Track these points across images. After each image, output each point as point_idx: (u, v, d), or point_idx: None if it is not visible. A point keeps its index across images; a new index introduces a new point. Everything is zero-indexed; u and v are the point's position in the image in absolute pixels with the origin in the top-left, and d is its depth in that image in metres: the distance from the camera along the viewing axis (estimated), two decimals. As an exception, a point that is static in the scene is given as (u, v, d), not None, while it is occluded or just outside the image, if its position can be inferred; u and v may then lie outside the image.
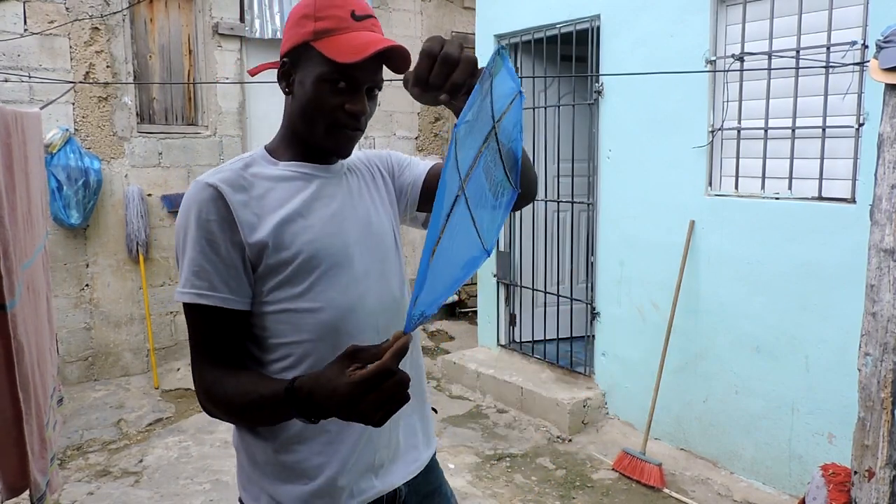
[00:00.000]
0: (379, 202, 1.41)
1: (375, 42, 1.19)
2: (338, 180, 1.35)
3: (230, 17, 5.61)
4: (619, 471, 3.85)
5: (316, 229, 1.25)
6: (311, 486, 1.26)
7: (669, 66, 3.89)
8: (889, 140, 2.32)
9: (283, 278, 1.22)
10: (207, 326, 1.21)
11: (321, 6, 1.23)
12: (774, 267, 3.54)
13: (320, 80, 1.22)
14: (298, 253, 1.22)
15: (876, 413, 2.36)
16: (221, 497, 3.62)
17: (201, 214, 1.19)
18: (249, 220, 1.21)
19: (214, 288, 1.19)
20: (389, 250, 1.37)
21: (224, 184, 1.21)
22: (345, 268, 1.27)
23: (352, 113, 1.24)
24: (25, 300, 2.10)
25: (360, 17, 1.23)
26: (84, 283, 5.18)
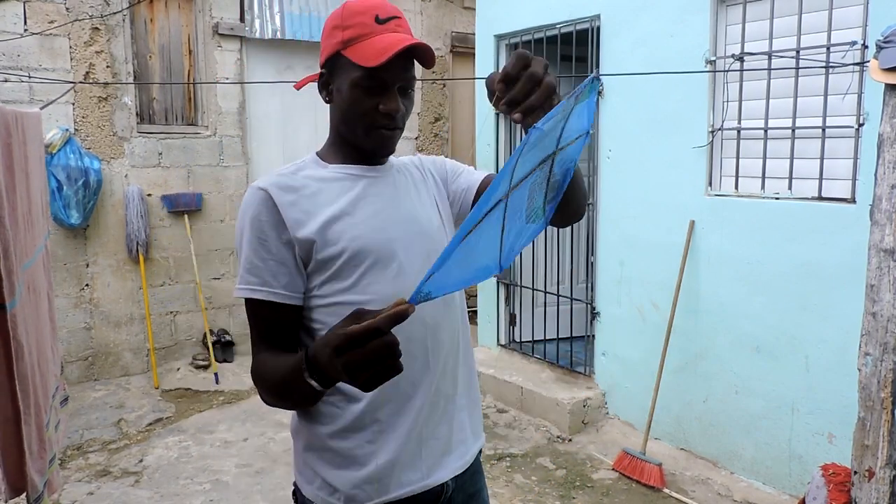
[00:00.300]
0: (428, 201, 1.47)
1: (397, 42, 1.26)
2: (385, 180, 1.41)
3: (230, 17, 5.61)
4: (619, 471, 3.85)
5: (361, 226, 1.32)
6: (362, 472, 1.32)
7: (669, 66, 3.89)
8: (889, 140, 2.32)
9: (332, 273, 1.30)
10: (260, 319, 1.32)
11: (347, 15, 1.31)
12: (774, 267, 3.54)
13: (353, 86, 1.30)
14: (344, 249, 1.30)
15: (876, 413, 2.36)
16: (221, 497, 3.62)
17: (254, 216, 1.30)
18: (298, 219, 1.29)
19: (266, 283, 1.29)
20: (437, 246, 1.40)
21: (273, 187, 1.30)
22: (389, 262, 1.33)
23: (386, 112, 1.31)
24: (26, 300, 2.10)
25: (383, 20, 1.30)
26: (84, 283, 5.18)
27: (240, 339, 5.84)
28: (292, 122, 6.06)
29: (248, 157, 5.82)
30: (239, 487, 3.72)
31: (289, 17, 5.79)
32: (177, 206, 5.45)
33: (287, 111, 6.03)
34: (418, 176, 1.50)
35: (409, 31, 1.34)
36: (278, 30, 5.75)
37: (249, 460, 4.02)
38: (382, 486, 1.32)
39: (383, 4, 1.32)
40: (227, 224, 5.75)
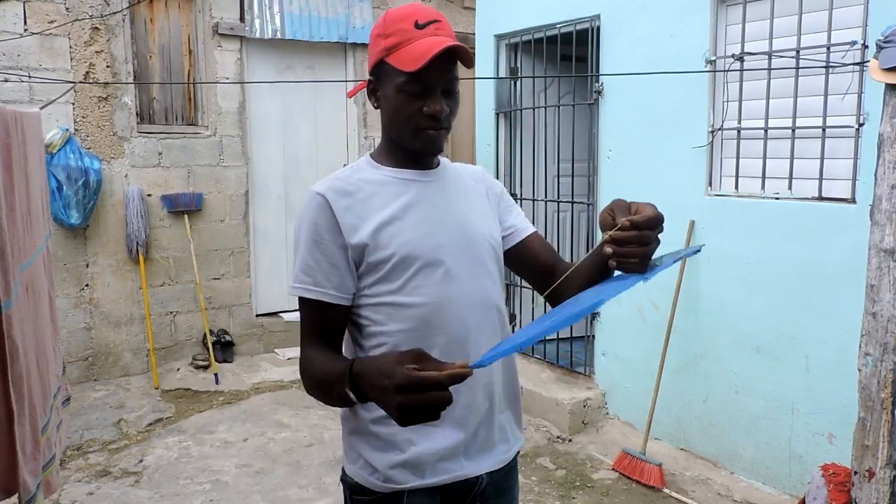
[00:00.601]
0: (479, 210, 1.52)
1: (435, 46, 1.31)
2: (436, 185, 1.47)
3: (230, 17, 5.61)
4: (619, 471, 3.84)
5: (411, 231, 1.39)
6: (400, 456, 1.41)
7: (669, 66, 3.89)
8: (889, 140, 2.32)
9: (382, 275, 1.38)
10: (310, 315, 1.40)
11: (388, 23, 1.39)
12: (774, 267, 3.54)
13: (398, 91, 1.36)
14: (394, 253, 1.37)
15: (876, 413, 2.36)
16: (221, 497, 3.62)
17: (312, 219, 1.37)
18: (352, 224, 1.37)
19: (318, 284, 1.37)
20: (484, 253, 1.48)
21: (331, 191, 1.38)
22: (436, 267, 1.40)
23: (430, 114, 1.36)
24: (23, 301, 2.09)
25: (422, 24, 1.37)
26: (84, 283, 5.18)
27: (239, 340, 5.84)
28: (292, 122, 6.06)
29: (248, 157, 5.81)
30: (239, 487, 3.72)
31: (289, 17, 5.79)
32: (177, 206, 5.45)
33: (287, 111, 6.03)
34: (471, 184, 1.56)
35: (449, 32, 1.40)
36: (278, 30, 5.75)
37: (249, 460, 4.02)
38: (418, 471, 1.41)
39: (422, 9, 1.38)
40: (227, 224, 5.75)
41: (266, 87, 5.79)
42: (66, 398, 2.96)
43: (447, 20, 1.44)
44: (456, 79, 1.40)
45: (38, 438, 2.12)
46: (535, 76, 5.11)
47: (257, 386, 5.23)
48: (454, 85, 1.40)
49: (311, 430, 4.43)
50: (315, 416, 4.65)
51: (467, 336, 1.42)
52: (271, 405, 4.85)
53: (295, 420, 4.59)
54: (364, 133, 6.33)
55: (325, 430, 4.42)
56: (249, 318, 5.90)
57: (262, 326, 5.95)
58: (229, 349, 5.69)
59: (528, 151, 5.22)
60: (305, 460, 4.03)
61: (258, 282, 5.97)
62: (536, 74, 5.11)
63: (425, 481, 1.41)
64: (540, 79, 5.13)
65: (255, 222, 5.94)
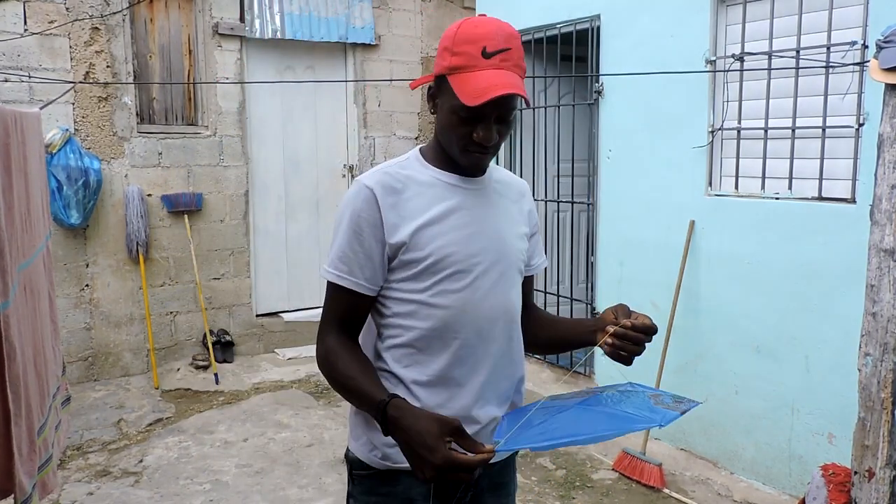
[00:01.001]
0: (516, 225, 1.57)
1: (494, 87, 1.31)
2: (479, 193, 1.50)
3: (230, 17, 5.61)
4: (619, 471, 3.84)
5: (448, 237, 1.43)
6: None
7: (669, 66, 3.89)
8: (889, 140, 2.31)
9: (412, 274, 1.43)
10: (339, 301, 1.45)
11: (459, 41, 1.37)
12: (774, 267, 3.53)
13: (452, 112, 1.38)
14: (429, 255, 1.42)
15: (876, 413, 2.36)
16: (221, 497, 3.62)
17: (356, 210, 1.41)
18: (394, 222, 1.41)
19: (352, 273, 1.42)
20: (512, 267, 1.53)
21: (379, 186, 1.42)
22: (466, 274, 1.44)
23: (479, 142, 1.39)
24: (20, 301, 2.09)
25: (490, 53, 1.34)
26: (84, 283, 5.18)
27: (240, 340, 5.84)
28: (292, 122, 6.06)
29: (248, 157, 5.81)
30: (239, 487, 3.72)
31: (289, 17, 5.79)
32: (177, 206, 5.45)
33: (287, 111, 6.02)
34: (514, 198, 1.60)
35: (517, 62, 1.38)
36: (278, 30, 5.74)
37: (249, 460, 4.02)
38: None
39: (495, 34, 1.35)
40: (227, 224, 5.75)
41: (266, 87, 5.79)
42: (66, 398, 2.95)
43: (519, 45, 1.40)
44: (512, 109, 1.40)
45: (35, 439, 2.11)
46: (535, 76, 5.11)
47: (257, 386, 5.23)
48: (509, 115, 1.40)
49: (311, 430, 4.43)
50: (315, 416, 4.65)
51: (479, 345, 1.47)
52: (271, 405, 4.85)
53: (295, 420, 4.59)
54: (364, 133, 6.33)
55: (325, 430, 4.42)
56: (249, 318, 5.89)
57: (262, 326, 5.95)
58: (229, 349, 5.69)
59: (528, 151, 5.21)
60: (305, 460, 4.03)
61: (258, 282, 5.96)
62: (536, 74, 5.11)
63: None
64: (540, 79, 5.13)
65: (255, 222, 5.94)
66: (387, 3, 6.37)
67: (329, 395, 4.97)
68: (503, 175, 1.62)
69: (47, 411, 2.38)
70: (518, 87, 1.34)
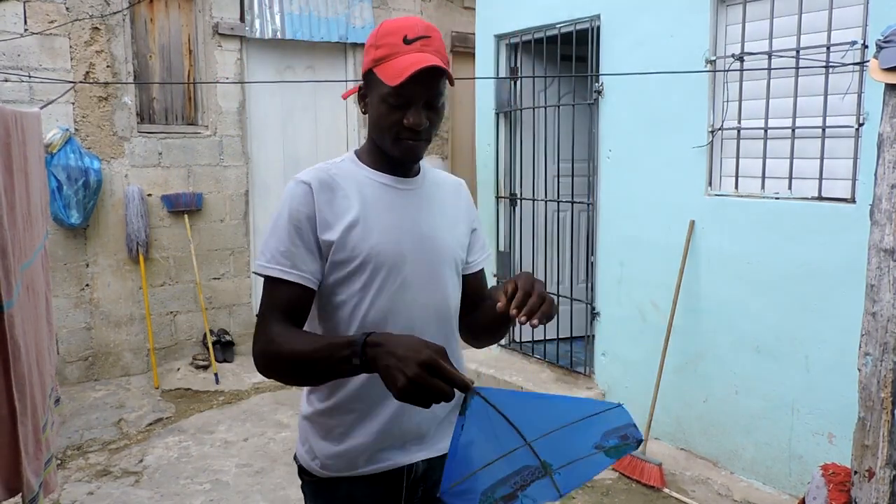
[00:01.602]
0: (451, 223, 1.59)
1: (416, 63, 1.37)
2: (412, 194, 1.54)
3: (230, 17, 5.61)
4: (619, 471, 3.85)
5: (377, 237, 1.46)
6: (337, 448, 1.51)
7: (669, 66, 3.89)
8: (889, 140, 2.32)
9: (344, 275, 1.45)
10: (283, 296, 1.43)
11: (380, 35, 1.45)
12: (774, 267, 3.54)
13: (381, 101, 1.43)
14: (358, 255, 1.44)
15: (876, 413, 2.36)
16: (221, 497, 3.62)
17: (294, 206, 1.43)
18: (327, 220, 1.44)
19: (297, 267, 1.42)
20: (445, 265, 1.55)
21: (315, 181, 1.45)
22: (396, 273, 1.47)
23: (409, 127, 1.42)
24: (24, 300, 2.10)
25: (411, 40, 1.42)
26: (84, 283, 5.18)
27: (240, 340, 5.84)
28: (292, 122, 6.06)
29: (248, 156, 5.81)
30: (239, 487, 3.72)
31: (289, 17, 5.79)
32: (177, 205, 5.45)
33: (287, 111, 6.03)
34: (450, 197, 1.63)
35: (438, 49, 1.45)
36: (278, 30, 5.75)
37: (249, 460, 4.02)
38: (351, 463, 1.51)
39: (414, 24, 1.44)
40: (228, 224, 5.75)
41: (266, 87, 5.79)
42: (57, 398, 2.96)
43: (440, 37, 1.48)
44: (439, 94, 1.46)
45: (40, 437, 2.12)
46: (535, 76, 5.11)
47: (257, 386, 5.23)
48: (437, 100, 1.45)
49: (311, 429, 4.43)
50: (315, 415, 4.65)
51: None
52: (271, 405, 4.85)
53: (295, 420, 4.59)
54: (364, 133, 6.33)
55: (325, 430, 4.42)
56: (249, 318, 5.89)
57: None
58: (229, 349, 5.69)
59: (528, 151, 5.22)
60: (305, 460, 4.03)
61: (258, 281, 5.94)
62: (536, 74, 5.11)
63: (358, 471, 1.51)
64: (540, 79, 5.13)
65: (255, 222, 5.94)
66: (387, 3, 6.38)
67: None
68: (438, 175, 1.66)
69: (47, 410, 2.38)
70: (438, 63, 1.40)
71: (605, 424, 1.32)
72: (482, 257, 1.70)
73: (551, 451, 1.31)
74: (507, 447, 1.27)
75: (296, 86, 5.86)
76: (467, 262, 1.65)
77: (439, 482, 1.52)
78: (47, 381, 2.51)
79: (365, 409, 1.50)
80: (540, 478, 1.32)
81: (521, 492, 1.31)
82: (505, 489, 1.30)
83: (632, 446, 1.34)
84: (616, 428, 1.32)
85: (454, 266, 1.57)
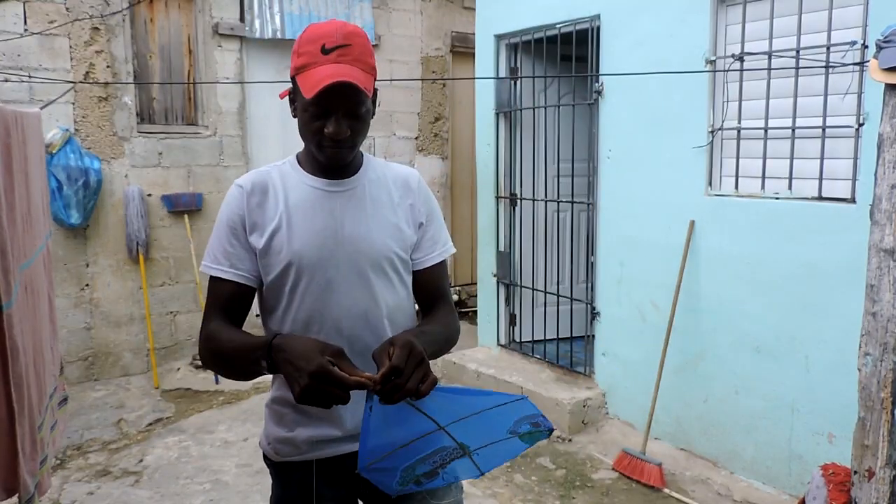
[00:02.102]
0: (386, 222, 1.58)
1: (328, 76, 1.38)
2: (343, 196, 1.55)
3: (230, 17, 5.61)
4: (619, 471, 3.85)
5: (302, 240, 1.50)
6: (286, 434, 1.60)
7: (669, 66, 3.89)
8: (889, 140, 2.32)
9: (273, 278, 1.51)
10: (222, 294, 1.53)
11: (302, 42, 1.46)
12: (774, 267, 3.54)
13: (303, 110, 1.47)
14: (282, 260, 1.49)
15: (876, 413, 2.36)
16: (221, 497, 3.62)
17: (230, 210, 1.52)
18: (254, 223, 1.51)
19: (235, 266, 1.51)
20: (373, 266, 1.55)
21: (249, 184, 1.53)
22: (320, 276, 1.51)
23: (330, 136, 1.45)
24: (22, 301, 2.09)
25: (328, 49, 1.42)
26: (84, 283, 5.18)
27: (240, 339, 5.84)
28: (292, 122, 6.00)
29: (248, 156, 5.81)
30: (239, 487, 3.72)
31: (289, 17, 5.79)
32: (177, 206, 5.45)
33: (287, 111, 5.98)
34: (390, 195, 1.61)
35: (358, 56, 1.44)
36: (278, 30, 5.75)
37: (249, 460, 4.02)
38: (298, 449, 1.60)
39: (334, 33, 1.43)
40: (227, 224, 5.75)
41: (266, 87, 5.79)
42: (64, 398, 2.95)
43: (362, 42, 1.46)
44: (359, 103, 1.45)
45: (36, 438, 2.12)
46: (535, 76, 5.11)
47: (257, 385, 5.23)
48: (357, 109, 1.45)
49: (311, 430, 4.43)
50: (315, 416, 4.65)
51: (342, 344, 1.43)
52: (271, 405, 4.85)
53: (295, 420, 4.59)
54: (364, 133, 6.33)
55: (325, 430, 4.42)
56: (249, 318, 5.88)
57: (261, 326, 5.94)
58: (229, 349, 5.68)
59: (528, 151, 5.22)
60: (305, 460, 4.03)
61: (258, 282, 5.96)
62: (536, 74, 5.11)
63: (307, 456, 1.59)
64: (540, 79, 5.13)
65: (255, 222, 5.94)
66: (387, 3, 6.38)
67: (329, 395, 4.97)
68: (388, 170, 1.65)
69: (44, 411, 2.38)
70: (353, 77, 1.39)
71: (515, 413, 1.39)
72: (432, 254, 1.65)
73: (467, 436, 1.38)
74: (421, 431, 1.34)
75: (296, 86, 5.86)
76: (413, 259, 1.63)
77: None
78: (48, 381, 2.51)
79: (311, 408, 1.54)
80: (458, 457, 1.40)
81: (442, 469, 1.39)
82: (425, 467, 1.39)
83: (544, 434, 1.41)
84: (525, 416, 1.39)
85: (391, 266, 1.57)
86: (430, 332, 1.53)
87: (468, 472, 1.44)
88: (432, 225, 1.66)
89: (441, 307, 1.66)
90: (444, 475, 1.40)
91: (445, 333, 1.59)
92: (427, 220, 1.65)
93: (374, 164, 1.64)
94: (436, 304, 1.67)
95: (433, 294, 1.67)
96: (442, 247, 1.67)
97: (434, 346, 1.47)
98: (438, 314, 1.65)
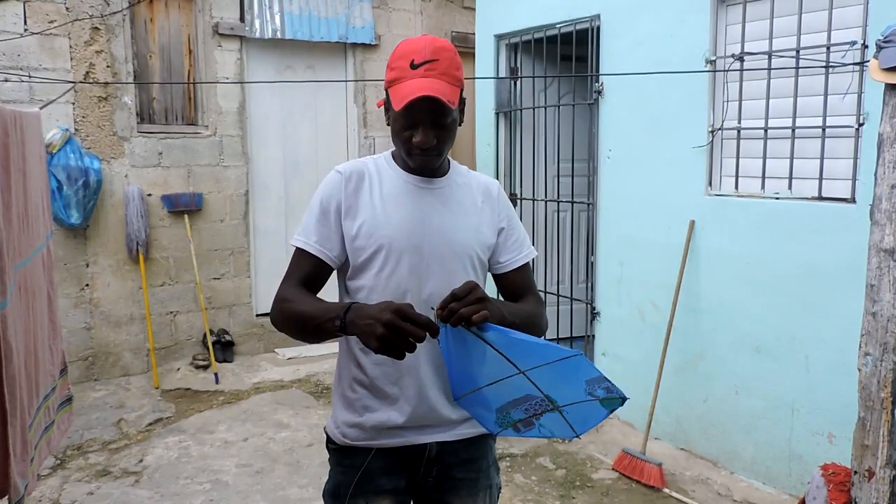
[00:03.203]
0: (472, 223, 1.70)
1: (416, 90, 1.49)
2: (434, 193, 1.67)
3: (230, 17, 5.61)
4: (619, 471, 3.84)
5: (394, 227, 1.61)
6: (357, 419, 1.68)
7: (669, 66, 3.88)
8: (889, 140, 2.31)
9: (362, 261, 1.62)
10: (304, 266, 1.64)
11: (394, 58, 1.58)
12: (774, 267, 3.53)
13: (394, 120, 1.58)
14: (372, 242, 1.61)
15: (876, 413, 2.36)
16: (221, 497, 3.62)
17: (327, 193, 1.64)
18: (350, 206, 1.63)
19: (319, 242, 1.63)
20: (457, 258, 1.66)
21: (348, 171, 1.66)
22: (407, 261, 1.61)
23: (417, 144, 1.56)
24: (16, 301, 2.09)
25: (417, 65, 1.53)
26: (84, 283, 5.18)
27: (240, 340, 5.84)
28: (292, 122, 6.06)
29: (248, 156, 5.81)
30: (239, 487, 3.72)
31: (289, 17, 5.79)
32: (177, 206, 5.45)
33: (287, 111, 6.02)
34: (476, 199, 1.73)
35: (445, 70, 1.54)
36: (278, 30, 5.75)
37: (249, 460, 4.02)
38: (368, 435, 1.67)
39: (423, 48, 1.54)
40: (227, 224, 5.75)
41: (266, 87, 5.79)
42: (68, 398, 2.94)
43: (450, 57, 1.56)
44: (444, 115, 1.55)
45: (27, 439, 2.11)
46: (535, 76, 5.11)
47: (257, 386, 5.23)
48: (442, 120, 1.55)
49: (311, 429, 4.43)
50: (315, 415, 4.65)
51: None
52: (271, 405, 4.85)
53: (295, 420, 4.59)
54: (364, 133, 6.33)
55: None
56: (249, 318, 5.90)
57: (262, 326, 5.95)
58: (229, 349, 5.69)
59: (528, 151, 5.21)
60: (305, 460, 4.02)
61: (258, 282, 5.96)
62: (536, 74, 5.11)
63: (372, 442, 1.67)
64: (540, 79, 5.13)
65: (255, 222, 5.94)
66: (387, 3, 6.38)
67: (329, 395, 4.97)
68: (473, 178, 1.78)
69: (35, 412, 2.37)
70: (437, 90, 1.50)
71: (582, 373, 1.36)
72: (520, 255, 1.78)
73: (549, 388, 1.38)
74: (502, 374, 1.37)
75: (296, 86, 5.86)
76: (499, 262, 1.76)
77: (453, 465, 1.72)
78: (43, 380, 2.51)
79: (381, 389, 1.64)
80: (549, 410, 1.41)
81: (537, 420, 1.42)
82: (518, 413, 1.43)
83: (618, 402, 1.37)
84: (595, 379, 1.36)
85: (470, 262, 1.67)
86: (509, 305, 1.65)
87: (563, 431, 1.44)
88: (515, 230, 1.79)
89: (529, 299, 1.77)
90: (541, 428, 1.44)
91: (528, 311, 1.68)
92: (508, 225, 1.77)
93: (460, 170, 1.77)
94: (525, 299, 1.77)
95: (522, 292, 1.78)
96: (528, 249, 1.81)
97: (512, 317, 1.52)
98: (526, 302, 1.75)
